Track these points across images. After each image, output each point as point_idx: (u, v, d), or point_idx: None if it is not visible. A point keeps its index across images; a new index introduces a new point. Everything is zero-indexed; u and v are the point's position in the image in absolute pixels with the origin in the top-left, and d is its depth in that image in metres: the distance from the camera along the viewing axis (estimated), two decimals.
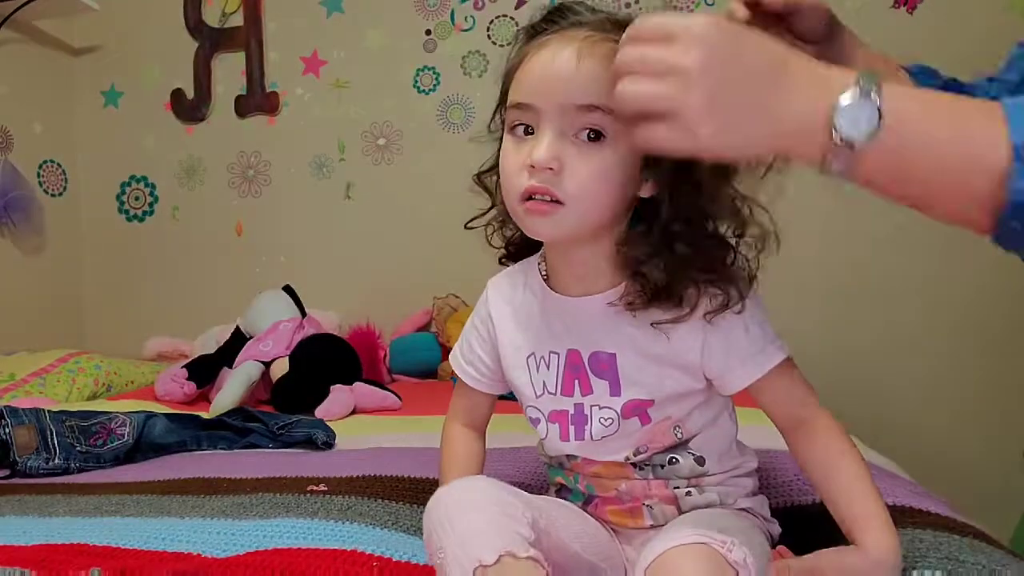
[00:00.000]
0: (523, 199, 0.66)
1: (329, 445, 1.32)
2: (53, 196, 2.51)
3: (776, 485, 0.89)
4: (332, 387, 1.69)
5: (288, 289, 2.07)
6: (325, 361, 1.82)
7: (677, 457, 0.75)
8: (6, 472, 1.20)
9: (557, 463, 0.81)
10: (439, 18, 2.34)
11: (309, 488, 0.98)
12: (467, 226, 0.80)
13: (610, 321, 0.72)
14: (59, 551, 0.82)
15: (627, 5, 2.19)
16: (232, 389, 1.70)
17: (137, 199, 2.60)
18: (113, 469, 1.25)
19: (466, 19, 2.34)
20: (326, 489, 0.97)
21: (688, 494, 0.75)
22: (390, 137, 2.40)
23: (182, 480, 1.10)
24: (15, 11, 2.22)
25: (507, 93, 0.70)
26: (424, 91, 2.37)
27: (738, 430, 0.80)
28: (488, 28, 2.32)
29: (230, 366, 1.86)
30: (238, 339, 1.96)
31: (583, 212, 0.66)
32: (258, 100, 2.46)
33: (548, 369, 0.76)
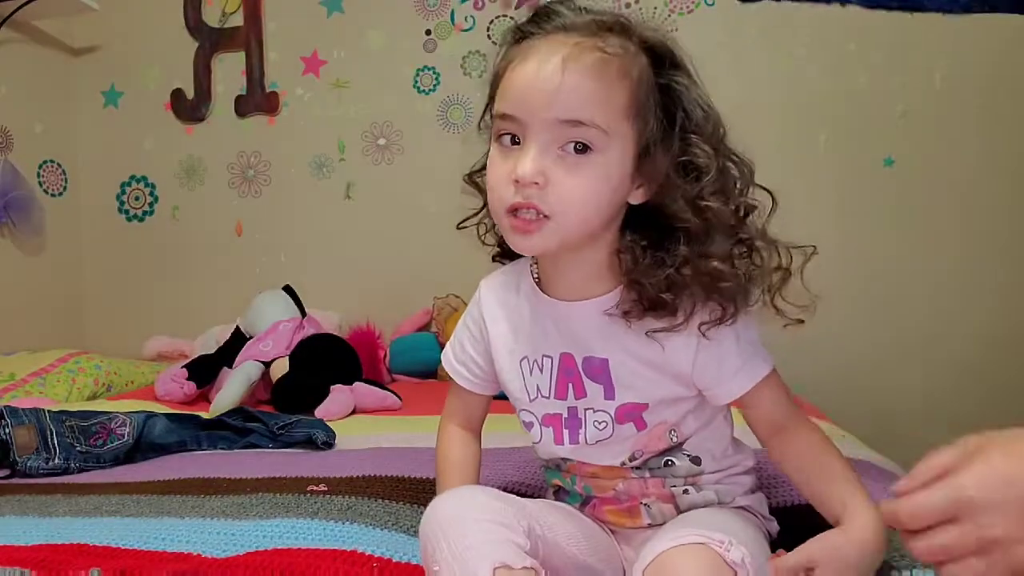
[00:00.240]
0: (508, 213, 0.66)
1: (329, 445, 1.32)
2: (53, 196, 2.51)
3: (775, 483, 0.89)
4: (332, 387, 1.68)
5: (288, 289, 2.07)
6: (325, 361, 1.82)
7: (673, 459, 0.75)
8: (6, 472, 1.20)
9: (554, 465, 0.81)
10: (439, 18, 2.34)
11: (309, 488, 0.98)
12: (459, 227, 0.80)
13: (604, 327, 0.71)
14: (59, 551, 0.82)
15: (627, 5, 2.19)
16: (232, 389, 1.70)
17: (137, 199, 2.60)
18: (113, 469, 1.25)
19: (466, 19, 2.33)
20: (326, 489, 0.97)
21: (686, 492, 0.75)
22: (390, 137, 2.40)
23: (182, 480, 1.10)
24: (15, 11, 2.22)
25: (494, 97, 0.69)
26: (424, 91, 2.37)
27: (733, 429, 0.80)
28: (488, 28, 2.32)
29: (230, 366, 1.86)
30: (238, 339, 1.96)
31: (570, 225, 0.65)
32: (258, 100, 2.46)
33: (542, 373, 0.76)
